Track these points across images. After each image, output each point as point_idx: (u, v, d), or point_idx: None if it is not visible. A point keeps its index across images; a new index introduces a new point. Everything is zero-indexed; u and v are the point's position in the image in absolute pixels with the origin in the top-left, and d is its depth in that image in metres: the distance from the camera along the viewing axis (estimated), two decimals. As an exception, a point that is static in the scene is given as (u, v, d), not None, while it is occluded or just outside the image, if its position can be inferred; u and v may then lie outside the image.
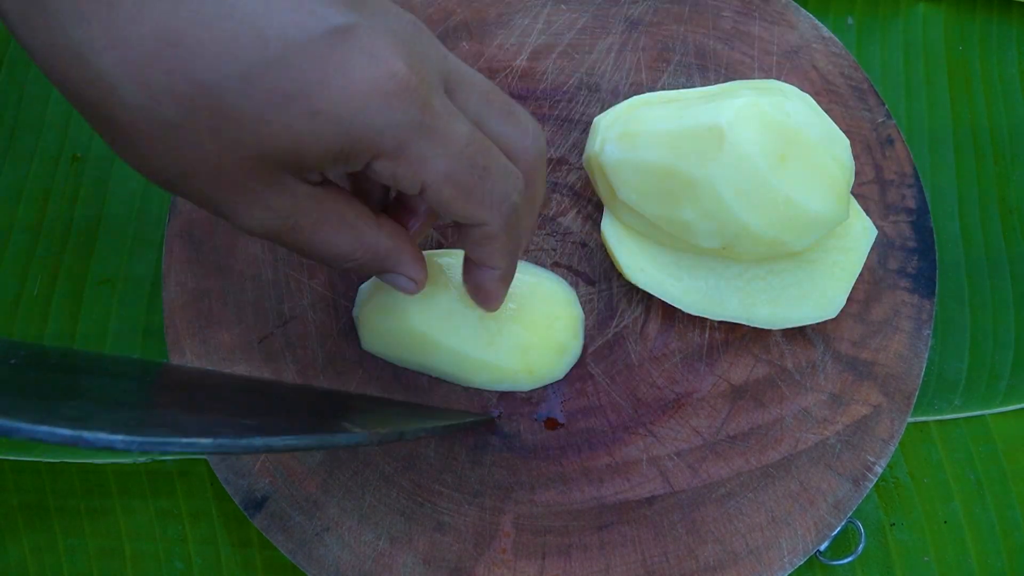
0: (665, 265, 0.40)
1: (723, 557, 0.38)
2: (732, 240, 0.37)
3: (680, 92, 0.41)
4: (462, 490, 0.40)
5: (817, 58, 0.46)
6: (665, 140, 0.37)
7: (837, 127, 0.38)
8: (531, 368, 0.40)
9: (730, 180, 0.36)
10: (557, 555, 0.38)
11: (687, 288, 0.40)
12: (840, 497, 0.39)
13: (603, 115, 0.40)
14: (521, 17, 0.47)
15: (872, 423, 0.40)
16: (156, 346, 0.47)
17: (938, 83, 0.51)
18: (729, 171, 0.36)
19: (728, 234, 0.37)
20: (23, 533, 0.44)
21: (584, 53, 0.46)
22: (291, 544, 0.39)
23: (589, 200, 0.44)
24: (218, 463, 0.40)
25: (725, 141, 0.36)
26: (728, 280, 0.40)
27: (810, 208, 0.36)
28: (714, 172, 0.36)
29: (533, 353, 0.40)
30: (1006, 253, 0.48)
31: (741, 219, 0.36)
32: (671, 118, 0.38)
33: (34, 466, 0.45)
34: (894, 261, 0.43)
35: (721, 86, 0.40)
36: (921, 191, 0.44)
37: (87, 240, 0.48)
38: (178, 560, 0.43)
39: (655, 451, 0.40)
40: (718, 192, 0.36)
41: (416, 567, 0.38)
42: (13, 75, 0.51)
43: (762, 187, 0.36)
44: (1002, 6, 0.52)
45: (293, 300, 0.42)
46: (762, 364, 0.41)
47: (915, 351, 0.41)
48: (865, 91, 0.45)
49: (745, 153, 0.35)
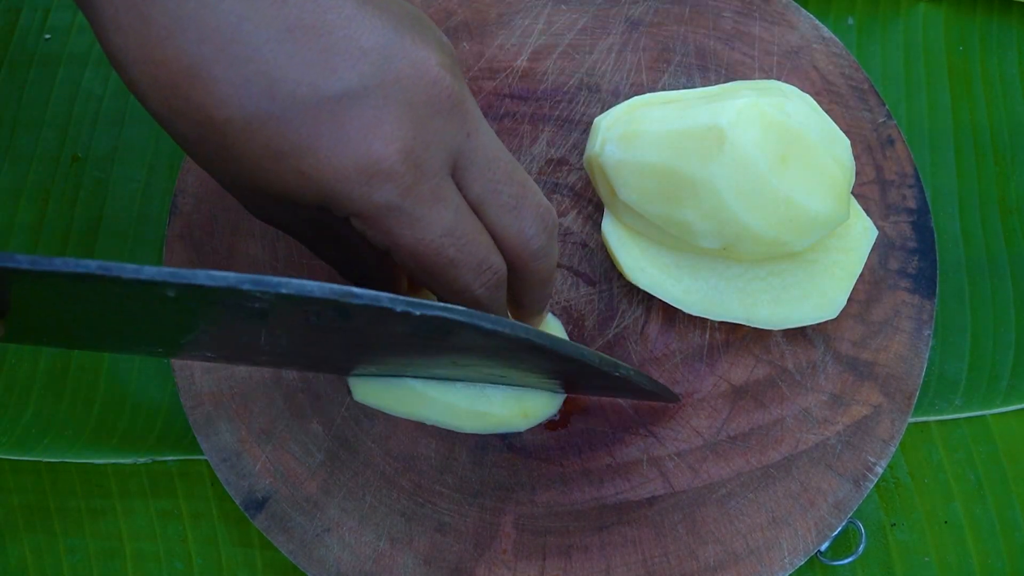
0: (666, 266, 0.40)
1: (724, 557, 0.38)
2: (733, 240, 0.37)
3: (681, 92, 0.41)
4: (462, 491, 0.40)
5: (818, 58, 0.46)
6: (665, 141, 0.37)
7: (837, 127, 0.38)
8: (526, 412, 0.40)
9: (731, 181, 0.36)
10: (557, 556, 0.39)
11: (688, 288, 0.40)
12: (840, 497, 0.39)
13: (603, 116, 0.40)
14: (521, 17, 0.47)
15: (872, 423, 0.40)
16: (156, 346, 0.47)
17: (938, 83, 0.51)
18: (730, 171, 0.36)
19: (729, 234, 0.37)
20: (23, 533, 0.44)
21: (584, 53, 0.46)
22: (292, 545, 0.39)
23: (589, 200, 0.44)
24: (219, 463, 0.40)
25: (726, 142, 0.36)
26: (729, 280, 0.40)
27: (811, 208, 0.36)
28: (715, 172, 0.36)
29: (527, 399, 0.40)
30: (1006, 253, 0.48)
31: (742, 220, 0.36)
32: (672, 119, 0.38)
33: (34, 466, 0.45)
34: (895, 261, 0.43)
35: (722, 86, 0.40)
36: (922, 191, 0.44)
37: (87, 240, 0.48)
38: (178, 560, 0.43)
39: (655, 451, 0.40)
40: (719, 193, 0.36)
41: (416, 568, 0.38)
42: (13, 75, 0.51)
43: (763, 188, 0.36)
44: (1002, 6, 0.52)
45: (293, 300, 0.42)
46: (763, 364, 0.41)
47: (916, 351, 0.41)
48: (865, 91, 0.45)
49: (746, 154, 0.35)
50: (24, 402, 0.46)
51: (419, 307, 0.25)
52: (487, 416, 0.40)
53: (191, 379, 0.41)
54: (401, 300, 0.25)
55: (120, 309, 0.25)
